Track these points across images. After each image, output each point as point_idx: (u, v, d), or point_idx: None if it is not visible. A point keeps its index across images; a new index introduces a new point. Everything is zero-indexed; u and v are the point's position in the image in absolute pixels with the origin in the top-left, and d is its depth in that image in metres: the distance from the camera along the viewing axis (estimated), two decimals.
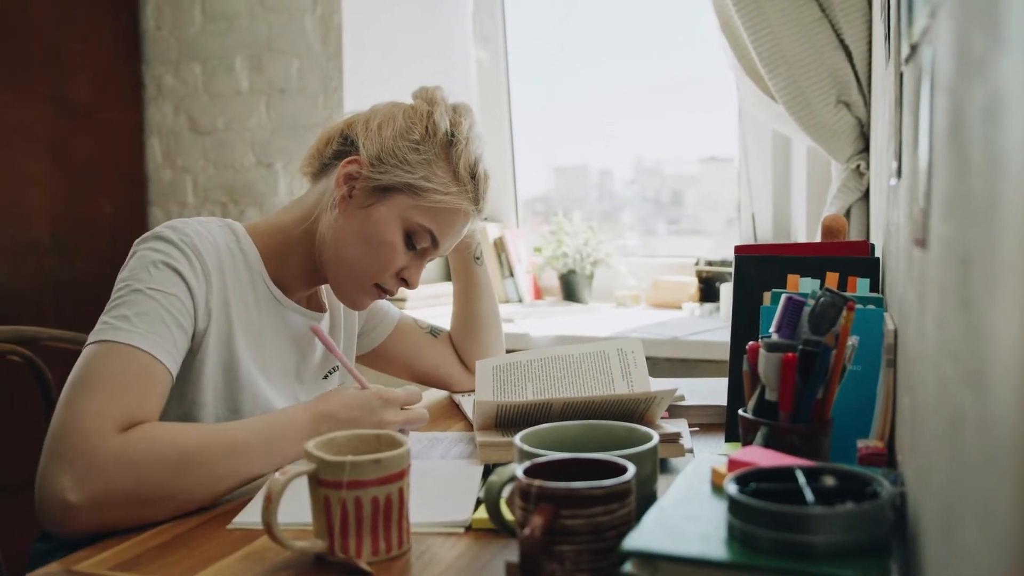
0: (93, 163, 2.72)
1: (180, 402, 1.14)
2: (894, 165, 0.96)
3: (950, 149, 0.51)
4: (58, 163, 2.62)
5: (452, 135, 1.23)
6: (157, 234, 1.13)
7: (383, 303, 1.48)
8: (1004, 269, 0.34)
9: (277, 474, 0.82)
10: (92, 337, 1.04)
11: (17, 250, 2.53)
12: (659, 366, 2.08)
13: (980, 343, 0.40)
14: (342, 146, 1.25)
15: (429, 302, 2.55)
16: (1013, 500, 0.33)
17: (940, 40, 0.57)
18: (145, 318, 1.05)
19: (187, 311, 1.09)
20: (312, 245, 1.24)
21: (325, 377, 1.34)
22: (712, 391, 1.40)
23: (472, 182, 1.24)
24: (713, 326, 2.24)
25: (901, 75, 0.90)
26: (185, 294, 1.09)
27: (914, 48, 0.76)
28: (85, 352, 1.03)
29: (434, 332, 1.54)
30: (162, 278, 1.08)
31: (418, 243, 1.23)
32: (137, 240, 1.14)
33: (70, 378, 1.02)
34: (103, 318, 1.06)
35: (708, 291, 2.50)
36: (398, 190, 1.20)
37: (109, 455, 0.94)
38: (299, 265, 1.25)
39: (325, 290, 1.37)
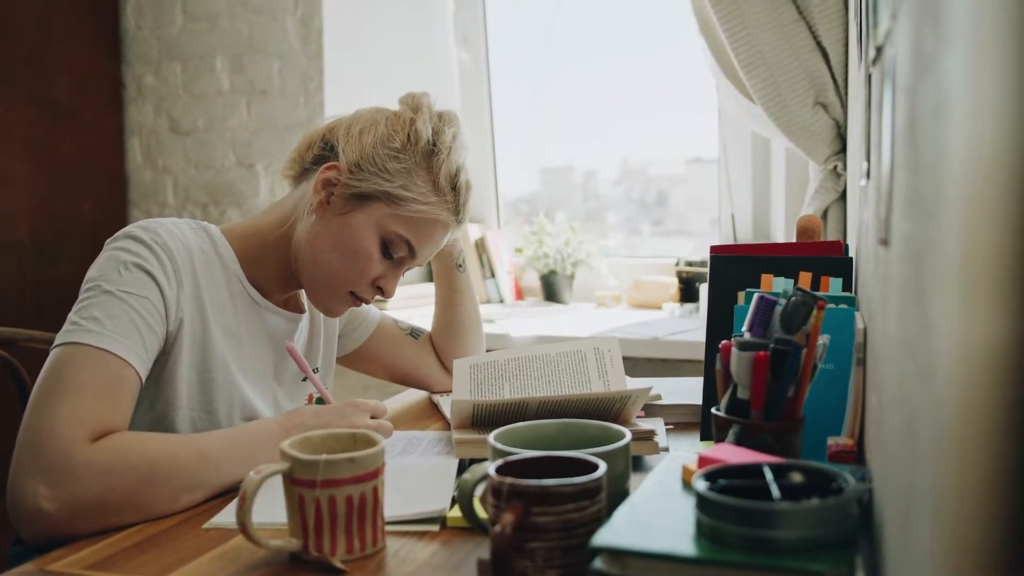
0: (74, 163, 2.71)
1: (153, 404, 1.13)
2: (864, 166, 0.97)
3: (908, 149, 0.52)
4: (38, 163, 2.61)
5: (434, 144, 1.22)
6: (128, 233, 1.12)
7: (363, 307, 1.48)
8: (947, 264, 0.35)
9: (252, 473, 0.82)
10: (62, 338, 1.03)
11: None
12: (639, 366, 2.09)
13: (930, 338, 0.41)
14: (323, 151, 1.25)
15: (410, 303, 2.55)
16: (957, 491, 0.34)
17: (900, 41, 0.58)
18: (116, 321, 1.04)
19: (158, 313, 1.09)
20: (289, 249, 1.23)
21: (304, 379, 1.34)
22: (689, 390, 1.40)
23: (452, 192, 1.23)
24: (693, 326, 2.25)
25: (869, 76, 0.91)
26: (156, 296, 1.09)
27: (879, 50, 0.77)
28: (55, 353, 1.03)
29: (414, 333, 1.55)
30: (133, 280, 1.07)
31: (395, 252, 1.22)
32: (109, 239, 1.13)
33: (40, 380, 1.01)
34: (72, 317, 1.05)
35: (688, 291, 2.52)
36: (376, 198, 1.19)
37: (83, 463, 0.94)
38: (275, 268, 1.25)
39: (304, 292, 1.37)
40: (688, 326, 2.25)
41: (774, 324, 0.93)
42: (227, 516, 0.95)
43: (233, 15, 2.72)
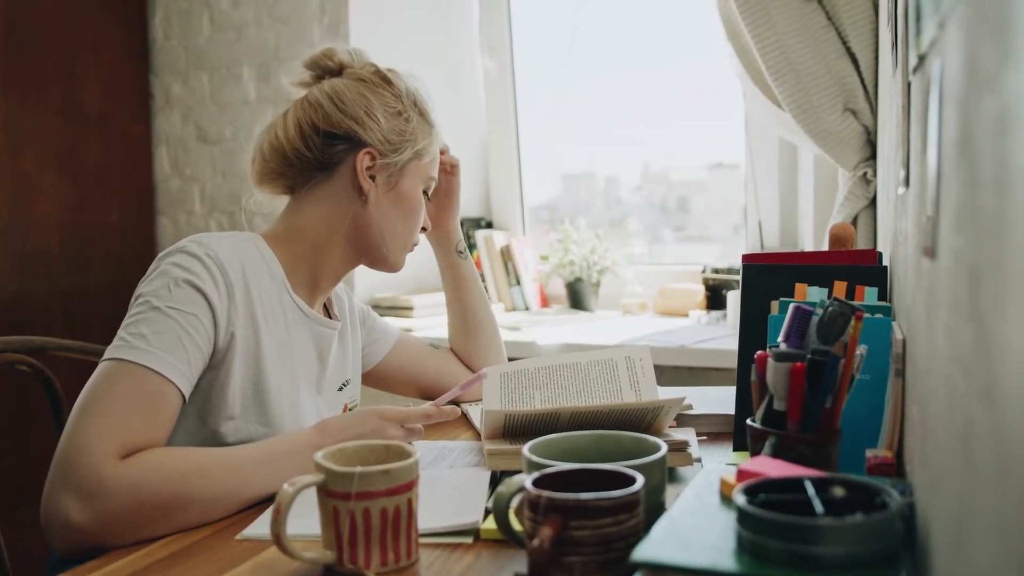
0: (102, 172, 2.73)
1: (204, 419, 1.13)
2: (902, 174, 0.96)
3: (959, 161, 0.51)
4: (67, 172, 2.64)
5: (412, 91, 1.30)
6: (182, 248, 1.12)
7: (382, 322, 1.50)
8: (1014, 284, 0.34)
9: (286, 485, 0.82)
10: (108, 353, 1.04)
11: (26, 258, 2.54)
12: (666, 374, 2.08)
13: (991, 357, 0.40)
14: (334, 145, 1.24)
15: (433, 311, 2.55)
16: None
17: (949, 52, 0.57)
18: (162, 337, 1.04)
19: (205, 331, 1.08)
20: (342, 247, 1.26)
21: (340, 389, 1.34)
22: (719, 400, 1.39)
23: (434, 119, 1.33)
24: (720, 334, 2.24)
25: (909, 84, 0.90)
26: (205, 313, 1.09)
27: (922, 59, 0.76)
28: (100, 368, 1.03)
29: (434, 346, 1.56)
30: (183, 297, 1.07)
31: (430, 192, 1.36)
32: (161, 253, 1.13)
33: (82, 394, 1.02)
34: (120, 333, 1.06)
35: (715, 299, 2.50)
36: (409, 160, 1.28)
37: (113, 478, 0.94)
38: (326, 271, 1.27)
39: (335, 301, 1.37)
40: (715, 334, 2.24)
41: (810, 334, 0.92)
42: (261, 527, 0.96)
43: (260, 25, 2.74)
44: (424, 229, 1.37)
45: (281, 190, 1.31)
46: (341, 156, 1.25)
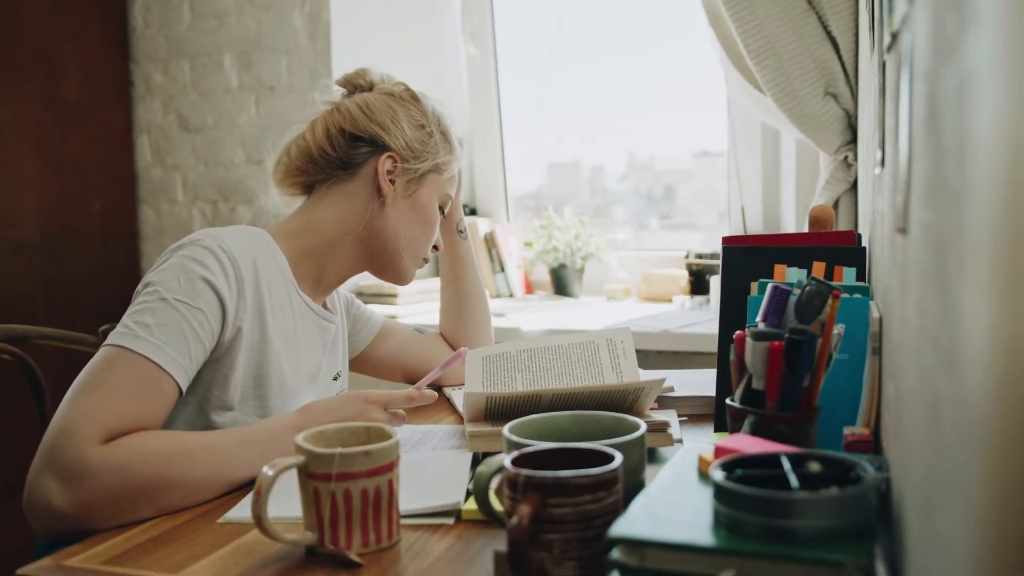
0: (83, 162, 2.72)
1: (205, 410, 1.13)
2: (878, 154, 0.97)
3: (928, 135, 0.52)
4: (48, 162, 2.62)
5: (438, 113, 1.35)
6: (195, 241, 1.12)
7: (366, 309, 1.51)
8: (972, 251, 0.35)
9: (266, 467, 0.82)
10: (110, 339, 1.04)
11: (7, 249, 2.52)
12: (650, 359, 2.08)
13: (955, 325, 0.41)
14: (358, 147, 1.28)
15: (420, 297, 2.55)
16: (986, 483, 0.34)
17: (918, 26, 0.57)
18: (166, 329, 1.04)
19: (210, 326, 1.08)
20: (352, 248, 1.29)
21: (334, 379, 1.35)
22: (702, 382, 1.40)
23: (459, 145, 1.39)
24: (703, 318, 2.24)
25: (884, 64, 0.90)
26: (214, 308, 1.09)
27: (895, 36, 0.77)
28: (100, 352, 1.03)
29: (419, 331, 1.56)
30: (192, 290, 1.08)
31: (445, 209, 1.39)
32: (173, 245, 1.14)
33: (79, 376, 1.02)
34: (125, 321, 1.06)
35: (699, 284, 2.51)
36: (430, 172, 1.32)
37: (95, 460, 0.94)
38: (334, 269, 1.29)
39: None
40: (699, 318, 2.25)
41: (788, 314, 0.93)
42: (242, 510, 0.96)
43: (241, 12, 2.72)
44: (436, 248, 1.39)
45: (300, 190, 1.34)
46: (364, 158, 1.29)
